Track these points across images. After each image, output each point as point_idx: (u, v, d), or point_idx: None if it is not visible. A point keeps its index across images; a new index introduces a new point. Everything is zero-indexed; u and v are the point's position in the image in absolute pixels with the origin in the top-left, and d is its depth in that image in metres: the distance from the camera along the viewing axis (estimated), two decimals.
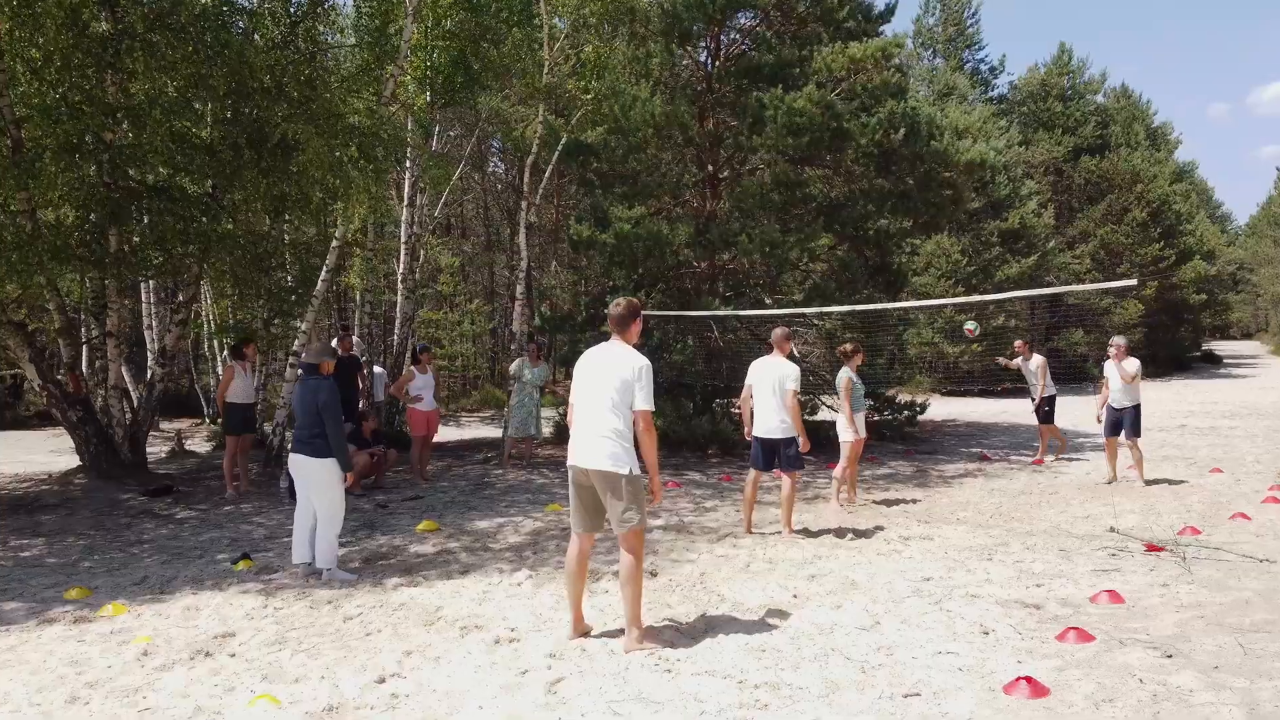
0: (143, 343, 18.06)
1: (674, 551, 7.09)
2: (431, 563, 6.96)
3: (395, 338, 18.07)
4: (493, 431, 17.16)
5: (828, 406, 15.71)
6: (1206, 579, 5.84)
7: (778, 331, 7.84)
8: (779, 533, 7.68)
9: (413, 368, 11.19)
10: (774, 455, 7.69)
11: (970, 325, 11.91)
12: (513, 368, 11.94)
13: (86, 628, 5.49)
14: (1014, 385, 23.01)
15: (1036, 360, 12.21)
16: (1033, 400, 12.38)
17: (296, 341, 11.70)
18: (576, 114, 14.20)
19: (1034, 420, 12.58)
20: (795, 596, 5.72)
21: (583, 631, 5.05)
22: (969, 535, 7.51)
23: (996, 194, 25.79)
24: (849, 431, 8.87)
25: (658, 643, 4.81)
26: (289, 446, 6.96)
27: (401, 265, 16.72)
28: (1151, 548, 6.74)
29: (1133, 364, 10.00)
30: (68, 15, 8.03)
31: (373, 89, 11.77)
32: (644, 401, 4.79)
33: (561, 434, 15.04)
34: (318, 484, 6.59)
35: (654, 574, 6.35)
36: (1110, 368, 10.17)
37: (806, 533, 7.75)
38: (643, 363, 4.84)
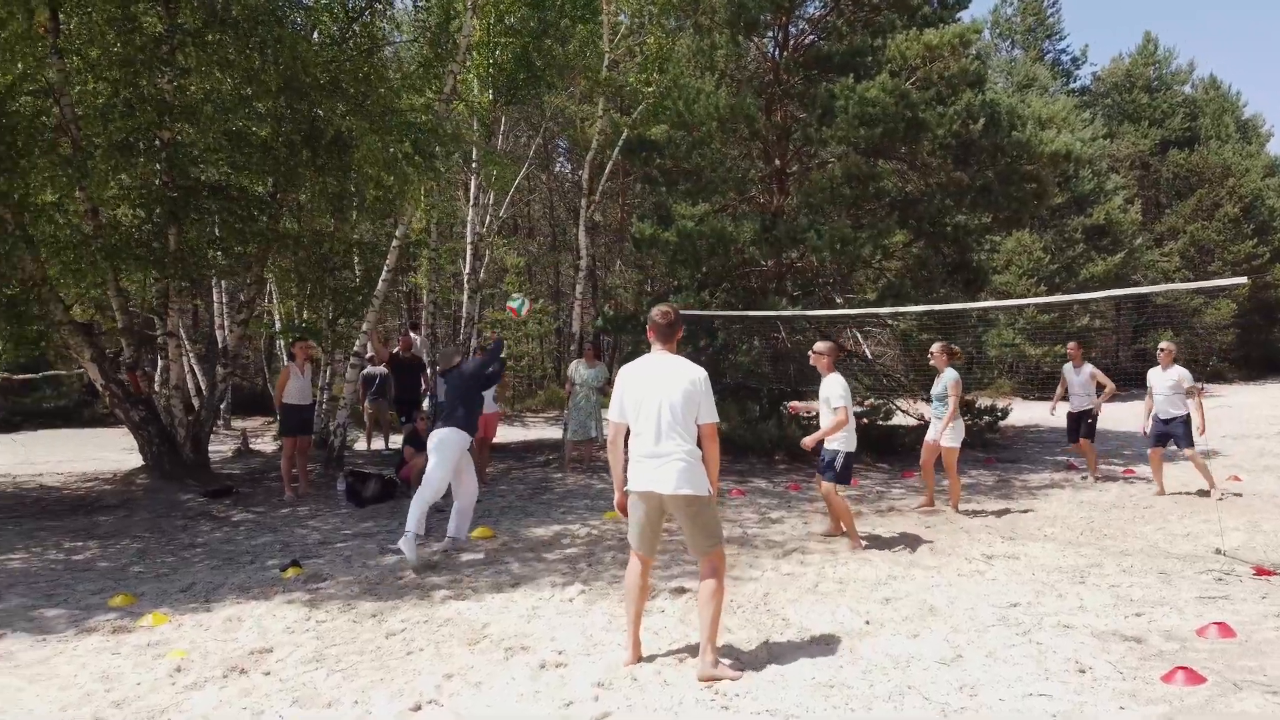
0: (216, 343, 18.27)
1: (736, 568, 6.66)
2: (482, 573, 6.66)
3: (461, 337, 18.03)
4: (556, 433, 16.90)
5: (902, 411, 15.11)
6: None
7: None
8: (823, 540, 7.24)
9: None
10: None
11: (513, 303, 9.11)
12: (570, 370, 11.66)
13: (124, 639, 5.31)
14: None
15: (1088, 370, 10.84)
16: (1068, 410, 10.98)
17: (358, 342, 11.57)
18: (638, 108, 13.82)
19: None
20: (868, 623, 5.27)
21: (639, 657, 4.69)
22: (1058, 554, 6.94)
23: (1080, 189, 24.72)
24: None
25: (732, 669, 4.47)
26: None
27: (467, 265, 16.63)
28: (1261, 571, 6.11)
29: (1177, 371, 9.32)
30: (117, 10, 7.95)
31: (434, 86, 11.60)
32: (709, 413, 4.58)
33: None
34: (432, 450, 7.21)
35: None
36: (1155, 375, 9.47)
37: (879, 541, 7.27)
38: (702, 373, 4.61)
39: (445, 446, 7.19)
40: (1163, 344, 9.65)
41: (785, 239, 12.55)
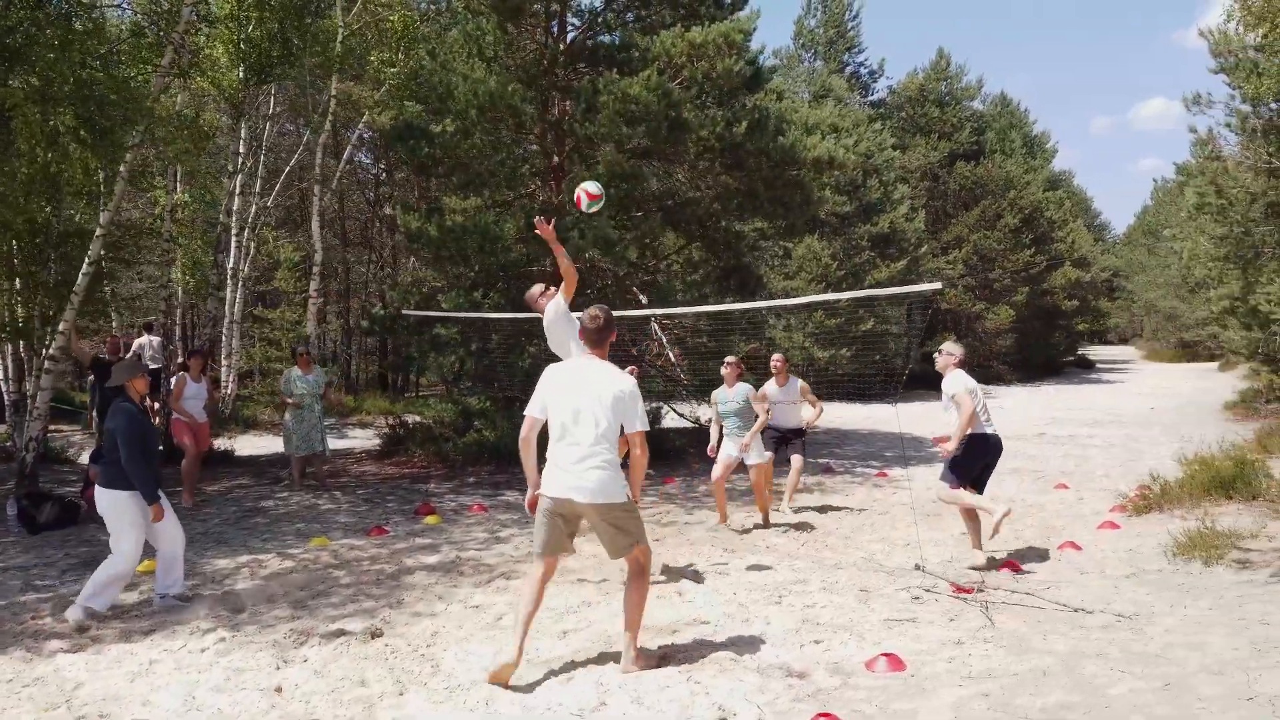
0: None
1: (424, 600, 6.00)
2: (122, 617, 5.69)
3: (223, 339, 16.68)
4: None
5: (677, 414, 14.90)
6: (1009, 635, 5.02)
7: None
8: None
9: (184, 374, 9.79)
10: None
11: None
12: (284, 379, 10.42)
13: None
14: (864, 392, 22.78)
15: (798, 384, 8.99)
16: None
17: (54, 344, 10.17)
18: (382, 89, 12.94)
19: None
20: (529, 662, 4.70)
21: (517, 662, 4.43)
22: (771, 568, 6.62)
23: (868, 197, 25.47)
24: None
25: (654, 662, 4.58)
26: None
27: (233, 259, 15.34)
28: (959, 590, 5.95)
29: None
30: None
31: (152, 58, 10.37)
32: (641, 422, 4.55)
33: (389, 447, 13.71)
34: (107, 519, 5.72)
35: (375, 635, 5.24)
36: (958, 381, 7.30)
37: (589, 560, 6.76)
38: (631, 383, 4.61)
39: (120, 513, 5.65)
40: (947, 345, 7.40)
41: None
